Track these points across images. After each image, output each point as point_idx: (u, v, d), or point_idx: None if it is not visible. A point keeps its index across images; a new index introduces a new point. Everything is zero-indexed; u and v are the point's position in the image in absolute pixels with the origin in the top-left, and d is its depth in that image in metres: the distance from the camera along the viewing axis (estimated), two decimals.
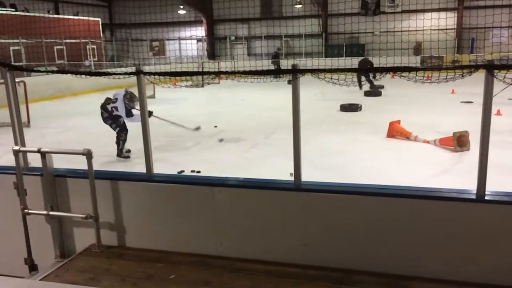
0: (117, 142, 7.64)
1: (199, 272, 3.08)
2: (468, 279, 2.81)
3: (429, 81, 3.31)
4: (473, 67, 2.72)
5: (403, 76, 2.78)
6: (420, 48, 25.94)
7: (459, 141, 7.95)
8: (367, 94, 16.38)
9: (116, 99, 7.62)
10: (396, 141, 9.12)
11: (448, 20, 25.46)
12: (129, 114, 7.31)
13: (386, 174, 6.51)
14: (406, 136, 9.12)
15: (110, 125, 7.68)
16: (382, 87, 17.06)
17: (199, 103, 16.83)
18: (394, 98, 15.50)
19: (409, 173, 6.73)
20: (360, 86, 13.94)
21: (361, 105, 13.41)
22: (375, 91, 16.64)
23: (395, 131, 9.34)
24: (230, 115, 13.28)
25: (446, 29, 25.23)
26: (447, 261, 2.90)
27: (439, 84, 3.22)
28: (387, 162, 7.64)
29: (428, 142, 8.67)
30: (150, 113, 6.65)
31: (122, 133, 7.63)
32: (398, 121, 9.56)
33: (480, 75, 2.88)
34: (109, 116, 7.63)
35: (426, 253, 2.93)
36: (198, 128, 8.51)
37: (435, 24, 21.38)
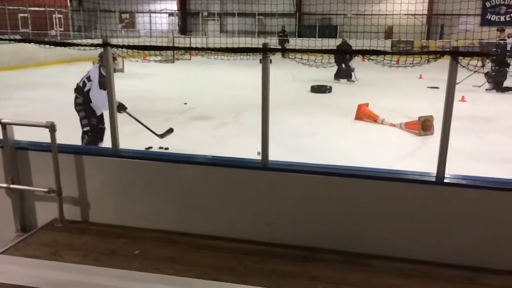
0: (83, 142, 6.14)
1: (164, 248, 3.09)
2: (426, 258, 2.92)
3: (397, 65, 3.37)
4: (439, 53, 2.78)
5: (371, 59, 2.81)
6: (391, 32, 26.24)
7: (424, 126, 8.17)
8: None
9: (88, 71, 6.16)
10: (364, 123, 9.29)
11: (419, 5, 25.75)
12: (101, 85, 5.85)
13: (352, 156, 6.64)
14: (373, 119, 9.29)
15: (80, 117, 6.13)
16: (353, 69, 17.22)
17: (169, 79, 16.60)
18: (364, 81, 15.70)
19: (374, 155, 6.88)
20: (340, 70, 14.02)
21: (330, 87, 13.54)
22: (346, 74, 16.75)
23: (363, 114, 9.50)
24: (200, 92, 13.16)
25: (416, 14, 25.53)
26: (406, 240, 3.00)
27: (406, 69, 3.28)
28: (354, 144, 7.78)
29: (394, 125, 8.87)
30: (123, 107, 6.04)
31: (87, 135, 6.09)
32: (366, 104, 9.72)
33: (446, 61, 2.95)
34: (82, 101, 6.05)
35: (387, 233, 3.02)
36: (168, 132, 7.03)
37: (406, 9, 21.60)
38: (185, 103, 10.90)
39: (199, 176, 3.30)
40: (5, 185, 3.38)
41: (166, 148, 6.63)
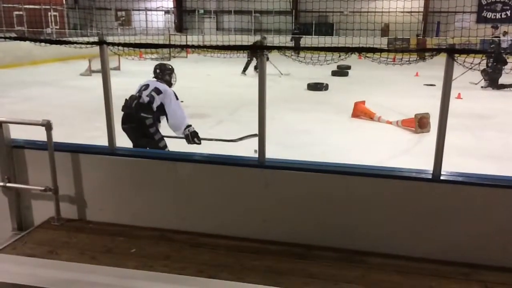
0: None
1: (160, 246, 3.08)
2: (422, 255, 2.93)
3: (393, 62, 3.37)
4: (435, 51, 2.78)
5: (367, 57, 2.81)
6: (388, 29, 26.27)
7: (420, 123, 8.20)
8: (334, 73, 16.56)
9: (147, 85, 5.10)
10: (360, 121, 9.31)
11: (415, 2, 25.78)
12: (169, 84, 5.28)
13: (349, 153, 6.64)
14: (370, 116, 9.31)
15: (157, 140, 5.01)
16: (349, 67, 17.26)
17: None
18: (360, 79, 15.73)
19: (371, 153, 6.90)
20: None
21: (327, 85, 13.55)
22: (342, 71, 16.82)
23: (359, 111, 9.52)
24: (197, 90, 13.14)
25: (412, 11, 25.55)
26: (403, 237, 3.01)
27: (403, 66, 3.29)
28: (350, 141, 7.80)
29: (390, 123, 8.89)
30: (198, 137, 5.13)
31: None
32: (363, 102, 9.74)
33: (443, 58, 2.96)
34: (153, 121, 4.95)
35: (383, 229, 3.03)
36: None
37: (402, 6, 21.63)
38: (182, 101, 10.88)
39: (195, 174, 3.30)
40: (1, 183, 3.37)
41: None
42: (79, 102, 10.72)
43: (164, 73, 5.34)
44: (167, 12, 30.71)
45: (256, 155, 3.19)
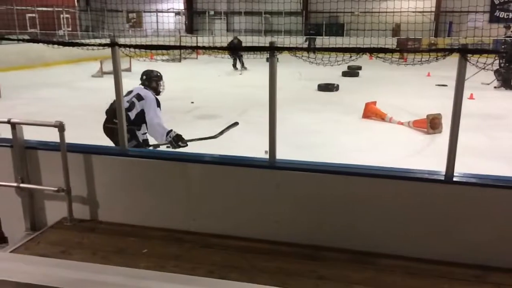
0: None
1: (171, 246, 3.10)
2: (434, 257, 2.90)
3: (405, 63, 3.35)
4: (447, 51, 2.76)
5: (379, 57, 2.80)
6: (399, 30, 26.11)
7: (432, 124, 8.13)
8: (344, 74, 16.50)
9: (131, 91, 5.03)
10: (371, 122, 9.26)
11: (426, 2, 25.59)
12: (156, 91, 5.20)
13: (360, 154, 6.61)
14: (381, 117, 9.26)
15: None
16: (360, 68, 17.19)
17: (176, 78, 16.59)
18: (371, 79, 15.65)
19: (382, 154, 6.86)
20: None
21: (338, 85, 13.50)
22: (352, 72, 16.75)
23: (370, 112, 9.48)
24: (207, 91, 13.20)
25: (424, 11, 25.34)
26: (415, 239, 2.99)
27: (415, 66, 3.26)
28: (361, 142, 7.76)
29: (402, 123, 8.83)
30: (183, 140, 5.08)
31: None
32: (374, 102, 9.69)
33: (455, 58, 2.93)
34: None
35: (395, 231, 3.01)
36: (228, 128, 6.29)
37: (413, 6, 21.48)
38: (192, 102, 10.93)
39: (206, 175, 3.31)
40: (15, 184, 3.41)
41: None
42: (90, 103, 10.80)
43: (150, 80, 5.20)
44: (177, 13, 30.83)
45: (267, 156, 3.18)
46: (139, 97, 4.94)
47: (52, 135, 3.36)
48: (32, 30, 21.65)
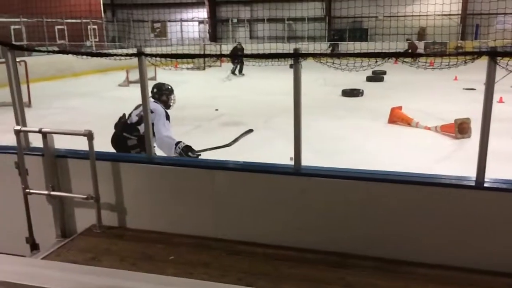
0: None
1: (198, 253, 3.11)
2: (465, 265, 2.84)
3: (431, 67, 3.30)
4: (476, 54, 2.70)
5: (405, 61, 2.76)
6: (424, 33, 25.77)
7: (460, 128, 7.97)
8: (369, 79, 16.36)
9: (140, 105, 4.60)
10: (397, 127, 9.13)
11: (452, 5, 25.17)
12: (168, 118, 4.95)
13: (386, 160, 6.52)
14: (407, 122, 9.13)
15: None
16: (384, 72, 17.01)
17: (201, 86, 16.80)
18: (396, 84, 15.46)
19: (409, 159, 6.75)
20: None
21: (362, 91, 13.39)
22: (377, 77, 16.58)
23: (396, 117, 9.35)
24: (231, 98, 13.27)
25: (450, 14, 24.95)
26: (445, 246, 2.92)
27: (441, 70, 3.21)
28: (387, 148, 7.66)
29: (429, 128, 8.68)
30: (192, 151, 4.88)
31: None
32: (400, 107, 9.56)
33: (483, 62, 2.87)
34: (137, 142, 4.77)
35: (423, 239, 2.95)
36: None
37: (439, 9, 21.15)
38: (216, 109, 11.01)
39: (232, 182, 3.32)
40: (46, 192, 3.50)
41: (199, 155, 6.70)
42: (117, 111, 10.99)
43: (161, 93, 5.07)
44: (201, 22, 31.20)
45: (292, 163, 3.18)
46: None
47: (81, 144, 3.43)
48: (61, 42, 22.25)
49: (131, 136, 4.82)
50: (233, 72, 19.40)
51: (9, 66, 3.55)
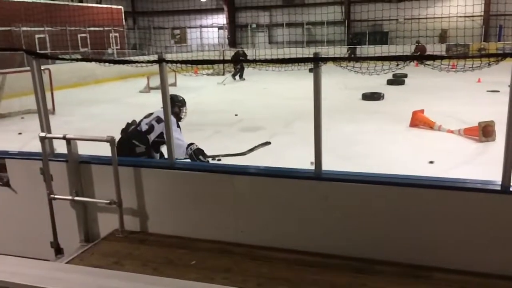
0: None
1: (220, 258, 3.12)
2: (490, 271, 2.77)
3: (454, 69, 3.25)
4: (500, 56, 2.65)
5: (427, 64, 2.73)
6: (446, 35, 25.41)
7: (485, 131, 7.81)
8: (389, 82, 16.20)
9: (151, 114, 5.09)
10: (419, 130, 9.01)
11: (475, 7, 24.79)
12: (177, 117, 5.11)
13: (408, 164, 6.44)
14: (429, 125, 8.99)
15: None
16: (405, 75, 16.82)
17: (220, 91, 16.89)
18: (418, 87, 15.27)
19: (432, 163, 6.64)
20: None
21: (383, 94, 13.26)
22: (398, 80, 16.40)
23: (418, 121, 9.22)
24: (250, 103, 13.30)
25: (472, 16, 24.58)
26: (469, 252, 2.86)
27: (464, 72, 3.16)
28: (410, 151, 7.56)
29: (452, 132, 8.54)
30: (203, 154, 4.96)
31: None
32: (422, 110, 9.43)
33: (507, 63, 2.81)
34: (145, 150, 4.87)
35: (449, 244, 2.90)
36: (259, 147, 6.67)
37: (461, 11, 20.82)
38: (236, 115, 11.04)
39: (252, 187, 3.32)
40: (70, 197, 3.56)
41: (219, 160, 6.73)
42: (139, 118, 11.15)
43: (173, 105, 4.78)
44: (220, 28, 31.45)
45: (313, 167, 3.16)
46: (159, 120, 4.80)
47: (103, 149, 3.49)
48: (84, 49, 22.68)
49: (140, 144, 4.83)
50: (233, 77, 19.53)
51: (34, 74, 3.63)
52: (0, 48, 18.69)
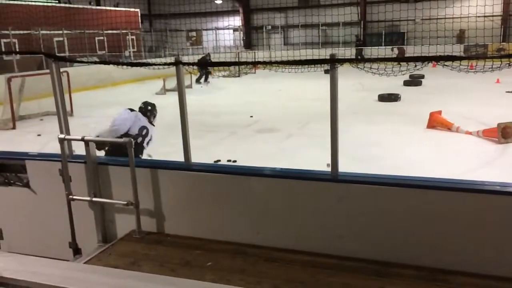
0: None
1: (236, 260, 3.12)
2: (509, 274, 2.72)
3: (472, 70, 3.20)
4: None
5: (446, 65, 2.69)
6: (464, 36, 25.08)
7: (504, 133, 7.69)
8: (406, 83, 16.04)
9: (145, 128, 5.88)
10: (437, 132, 8.90)
11: (494, 7, 24.41)
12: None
13: (426, 166, 6.37)
14: (447, 127, 8.88)
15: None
16: (422, 76, 16.65)
17: (235, 92, 16.93)
18: (435, 88, 15.10)
19: (450, 165, 6.57)
20: None
21: (400, 95, 13.14)
22: (415, 81, 16.24)
23: (435, 122, 9.12)
24: (266, 105, 13.30)
25: (491, 15, 24.20)
26: (488, 255, 2.82)
27: (483, 73, 3.11)
28: (427, 153, 7.48)
29: (470, 133, 8.42)
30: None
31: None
32: (439, 112, 9.32)
33: None
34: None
35: (467, 247, 2.85)
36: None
37: (479, 11, 20.49)
38: (251, 116, 11.05)
39: (268, 189, 3.31)
40: (88, 198, 3.60)
41: (234, 161, 6.75)
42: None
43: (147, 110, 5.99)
44: (235, 30, 31.53)
45: (329, 169, 3.15)
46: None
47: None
48: (101, 52, 22.96)
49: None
50: (197, 81, 19.08)
51: (53, 76, 3.69)
52: (20, 52, 19.03)
